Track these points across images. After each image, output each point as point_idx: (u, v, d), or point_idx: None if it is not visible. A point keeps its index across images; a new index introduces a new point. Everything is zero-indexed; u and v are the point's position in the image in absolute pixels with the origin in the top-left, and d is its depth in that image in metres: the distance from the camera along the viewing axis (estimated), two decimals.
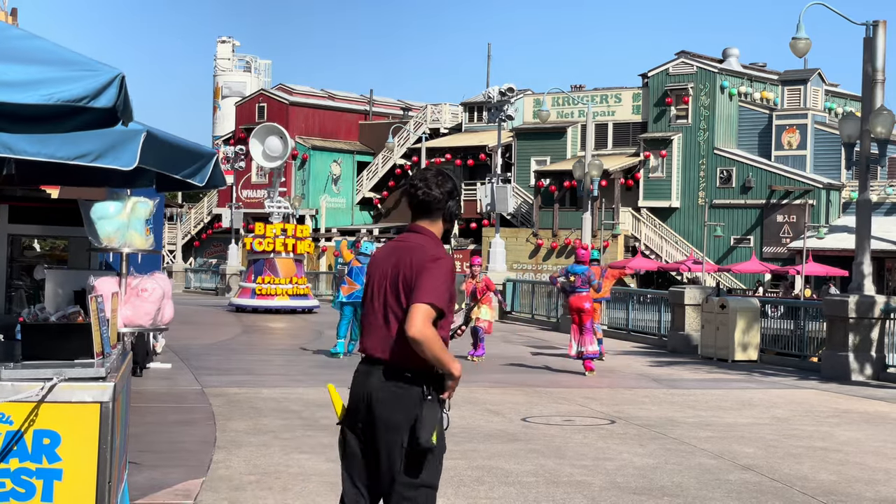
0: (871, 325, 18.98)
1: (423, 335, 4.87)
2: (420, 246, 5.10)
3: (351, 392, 5.16)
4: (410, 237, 5.18)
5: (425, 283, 4.97)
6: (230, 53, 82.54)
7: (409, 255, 5.08)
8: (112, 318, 6.38)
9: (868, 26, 19.99)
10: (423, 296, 4.93)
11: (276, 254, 35.19)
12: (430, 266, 5.01)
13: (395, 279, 5.06)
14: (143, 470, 9.03)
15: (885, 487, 9.31)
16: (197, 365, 18.17)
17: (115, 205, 6.88)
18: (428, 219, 5.19)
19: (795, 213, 51.41)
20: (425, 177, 5.18)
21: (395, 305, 5.06)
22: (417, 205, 5.18)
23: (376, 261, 5.25)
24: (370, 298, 5.19)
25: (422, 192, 5.14)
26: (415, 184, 5.18)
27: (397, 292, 5.05)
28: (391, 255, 5.17)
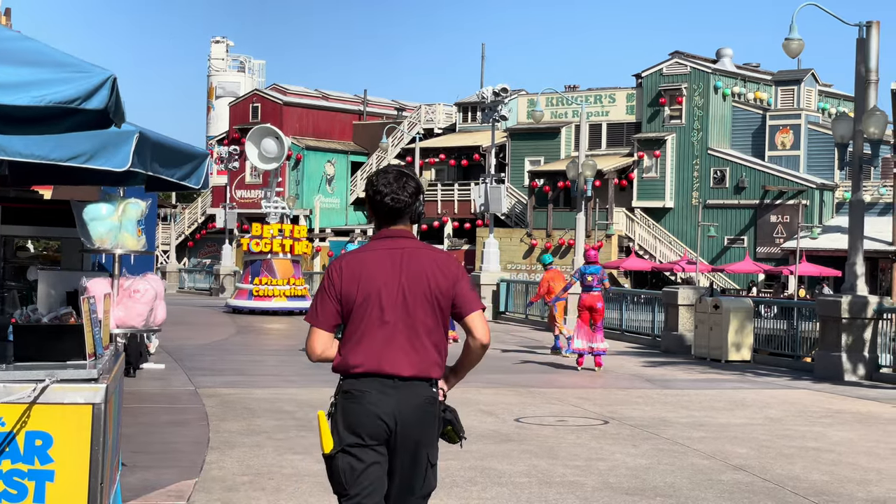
0: (863, 325, 19.02)
1: (489, 340, 4.92)
2: (428, 250, 4.94)
3: (368, 414, 4.74)
4: (404, 242, 4.91)
5: (468, 290, 4.89)
6: (224, 53, 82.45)
7: (424, 263, 4.86)
8: (104, 319, 6.38)
9: (861, 27, 20.03)
10: (477, 303, 4.88)
11: (274, 255, 34.96)
12: (464, 274, 4.93)
13: (421, 290, 4.81)
14: (136, 471, 9.04)
15: (877, 488, 9.34)
16: (190, 365, 18.17)
17: (107, 206, 6.88)
18: (400, 222, 4.95)
19: (789, 214, 51.49)
20: (388, 181, 4.91)
21: (428, 318, 4.81)
22: (388, 212, 4.92)
23: (367, 270, 4.85)
24: (377, 311, 4.80)
25: (391, 199, 4.89)
26: (380, 190, 4.90)
27: (430, 303, 4.81)
28: (390, 263, 4.85)
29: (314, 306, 4.91)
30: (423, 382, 4.79)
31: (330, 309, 4.85)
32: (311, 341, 4.88)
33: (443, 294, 4.82)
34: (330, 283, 4.88)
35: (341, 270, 4.87)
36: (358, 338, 4.80)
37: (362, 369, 4.76)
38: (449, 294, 4.83)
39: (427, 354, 4.79)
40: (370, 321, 4.79)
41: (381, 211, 4.93)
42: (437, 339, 4.85)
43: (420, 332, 4.79)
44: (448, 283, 4.83)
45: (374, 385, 4.75)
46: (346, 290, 4.82)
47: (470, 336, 4.88)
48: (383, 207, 4.91)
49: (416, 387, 4.77)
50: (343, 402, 4.79)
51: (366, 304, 4.79)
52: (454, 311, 4.86)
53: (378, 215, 4.96)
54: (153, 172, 6.94)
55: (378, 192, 4.91)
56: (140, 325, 6.89)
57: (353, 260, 4.90)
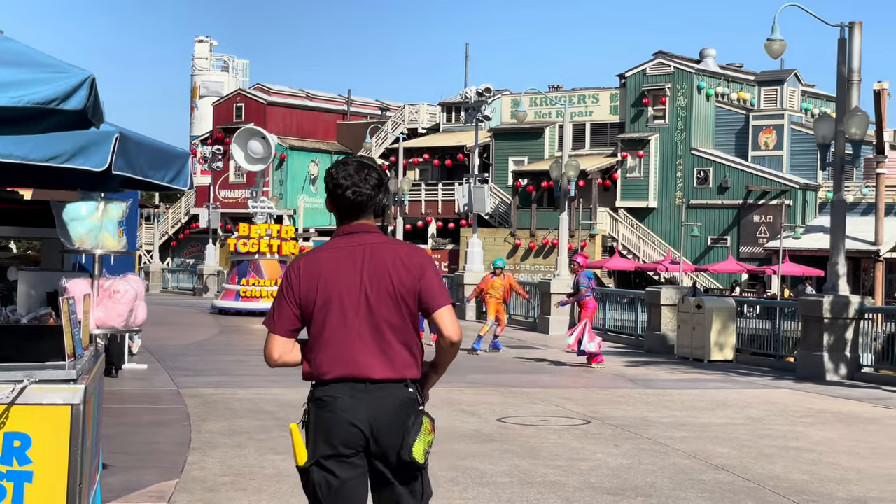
0: (845, 325, 19.09)
1: (461, 338, 4.59)
2: (391, 245, 4.62)
3: (340, 421, 4.46)
4: (366, 237, 4.61)
5: (436, 283, 4.57)
6: (208, 53, 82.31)
7: (386, 258, 4.55)
8: (84, 319, 6.36)
9: (843, 28, 20.09)
10: (444, 297, 4.56)
11: (261, 255, 34.66)
12: (431, 265, 4.61)
13: (383, 287, 4.51)
14: (117, 471, 9.01)
15: (857, 487, 9.37)
16: (173, 366, 18.13)
17: (87, 206, 6.86)
18: (362, 217, 4.64)
19: (772, 214, 51.64)
20: (349, 173, 4.59)
21: (392, 315, 4.52)
22: (349, 206, 4.61)
23: (326, 271, 4.56)
24: (337, 312, 4.52)
25: (352, 193, 4.58)
26: (340, 183, 4.59)
27: (394, 301, 4.52)
28: (351, 262, 4.56)
29: (272, 311, 4.63)
30: (398, 384, 4.51)
31: (288, 314, 4.57)
32: (268, 347, 4.61)
33: (407, 290, 4.52)
34: (288, 286, 4.59)
35: (299, 272, 4.58)
36: (323, 342, 4.53)
37: (332, 375, 4.49)
38: (413, 289, 4.52)
39: (397, 355, 4.52)
40: (333, 324, 4.52)
41: (342, 205, 4.63)
42: (406, 338, 4.55)
43: (385, 332, 4.51)
44: (411, 279, 4.53)
45: (344, 390, 4.47)
46: (305, 294, 4.55)
47: (439, 334, 4.57)
48: (344, 201, 4.61)
49: (389, 388, 4.49)
50: (315, 411, 4.53)
51: (327, 307, 4.52)
52: (421, 308, 4.55)
53: (339, 210, 4.65)
54: (136, 174, 6.93)
55: (338, 185, 4.60)
56: (120, 326, 6.87)
57: (312, 260, 4.61)
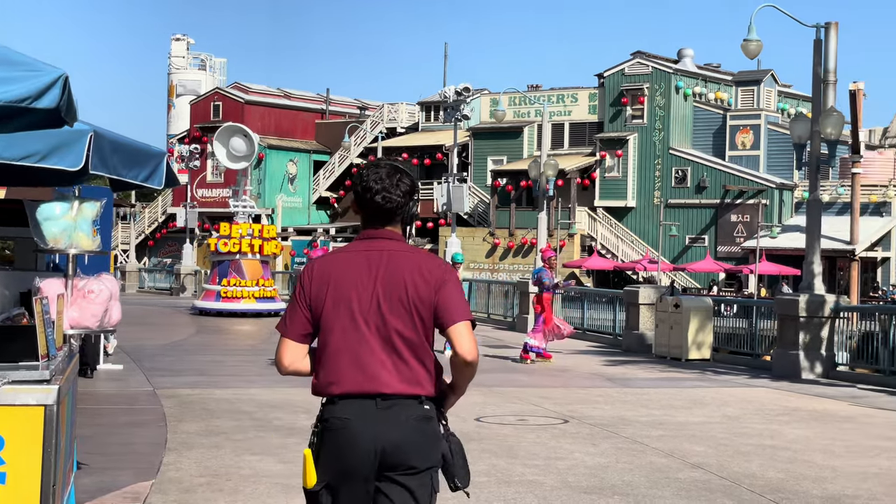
0: (821, 323, 19.18)
1: (477, 357, 4.24)
2: (411, 253, 4.30)
3: (352, 446, 4.15)
4: (386, 244, 4.31)
5: (455, 297, 4.25)
6: (185, 51, 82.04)
7: (403, 267, 4.24)
8: (58, 319, 6.33)
9: (819, 28, 20.17)
10: (463, 313, 4.23)
11: (242, 255, 34.02)
12: (451, 278, 4.27)
13: (397, 296, 4.20)
14: (92, 472, 8.97)
15: (832, 485, 9.42)
16: (149, 366, 18.06)
17: (61, 206, 6.82)
18: (388, 224, 4.34)
19: (749, 213, 51.86)
20: (380, 177, 4.29)
21: (407, 328, 4.20)
22: (376, 212, 4.31)
23: (337, 273, 4.28)
24: (346, 318, 4.23)
25: (381, 198, 4.28)
26: (370, 187, 4.29)
27: (409, 313, 4.20)
28: (366, 266, 4.26)
29: (285, 314, 4.36)
30: (412, 400, 4.18)
31: (300, 317, 4.28)
32: (280, 352, 4.32)
33: (423, 302, 4.20)
34: (301, 287, 4.33)
35: (311, 273, 4.31)
36: (331, 351, 4.24)
37: (339, 389, 4.18)
38: (430, 301, 4.20)
39: (410, 369, 4.20)
40: (342, 331, 4.22)
41: (368, 210, 4.33)
42: (420, 354, 4.22)
43: (398, 345, 4.20)
44: (429, 290, 4.21)
45: (354, 410, 4.15)
46: (314, 295, 4.27)
47: (453, 351, 4.22)
48: (371, 206, 4.31)
49: (403, 405, 4.16)
50: (324, 434, 4.20)
51: (335, 312, 4.23)
52: (437, 322, 4.22)
53: (365, 214, 4.36)
54: (111, 173, 6.89)
55: (368, 189, 4.30)
56: (94, 326, 6.83)
57: (325, 261, 4.33)
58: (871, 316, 19.55)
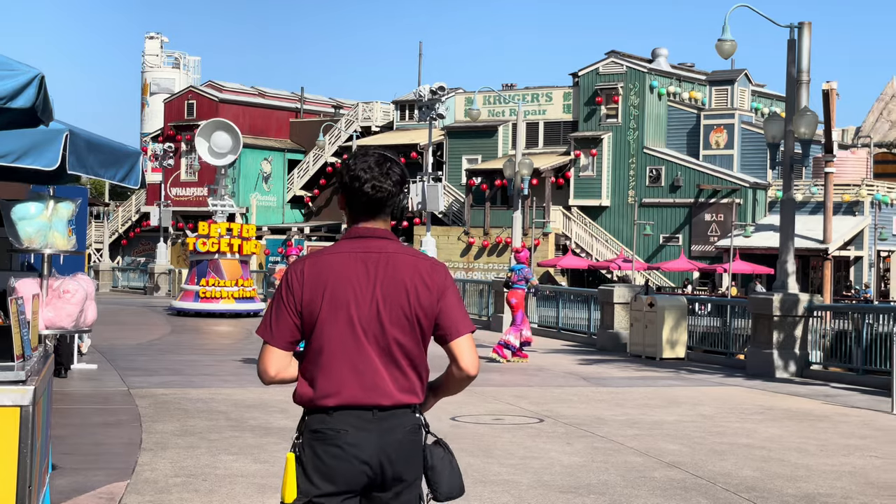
0: (794, 322, 19.28)
1: (478, 372, 4.08)
2: (410, 256, 4.02)
3: (348, 459, 3.87)
4: (382, 244, 4.01)
5: (458, 306, 4.04)
6: (158, 50, 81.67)
7: (404, 271, 3.97)
8: (33, 320, 6.29)
9: (792, 28, 20.27)
10: (466, 323, 4.03)
11: (221, 255, 33.55)
12: (451, 284, 4.05)
13: (398, 305, 3.94)
14: (67, 473, 8.93)
15: (806, 484, 9.47)
16: (124, 366, 17.98)
17: (36, 205, 6.78)
18: (379, 218, 4.03)
19: (723, 212, 52.08)
20: (369, 165, 3.98)
21: (406, 338, 3.95)
22: (366, 203, 4.00)
23: (334, 277, 3.95)
24: (344, 326, 3.93)
25: (371, 188, 3.97)
26: (359, 176, 3.97)
27: (409, 321, 3.95)
28: (364, 270, 3.96)
29: (268, 318, 4.00)
30: (406, 409, 3.98)
31: (287, 322, 3.95)
32: (264, 361, 3.98)
33: (424, 311, 3.96)
34: (288, 290, 3.96)
35: (303, 275, 3.95)
36: (325, 361, 3.92)
37: (336, 400, 3.89)
38: (432, 311, 3.97)
39: (407, 379, 3.97)
40: (339, 340, 3.92)
41: (357, 202, 4.01)
42: (416, 362, 4.00)
43: (397, 356, 3.95)
44: (432, 298, 3.97)
45: (349, 420, 3.88)
46: (307, 301, 3.93)
47: (455, 365, 4.03)
48: (361, 197, 3.99)
49: (398, 416, 3.94)
50: (313, 446, 3.89)
51: (332, 319, 3.91)
52: (437, 333, 4.01)
53: (353, 207, 4.04)
54: (86, 172, 6.86)
55: (356, 178, 3.98)
56: (70, 326, 6.80)
57: (318, 263, 3.97)
58: (844, 315, 19.67)
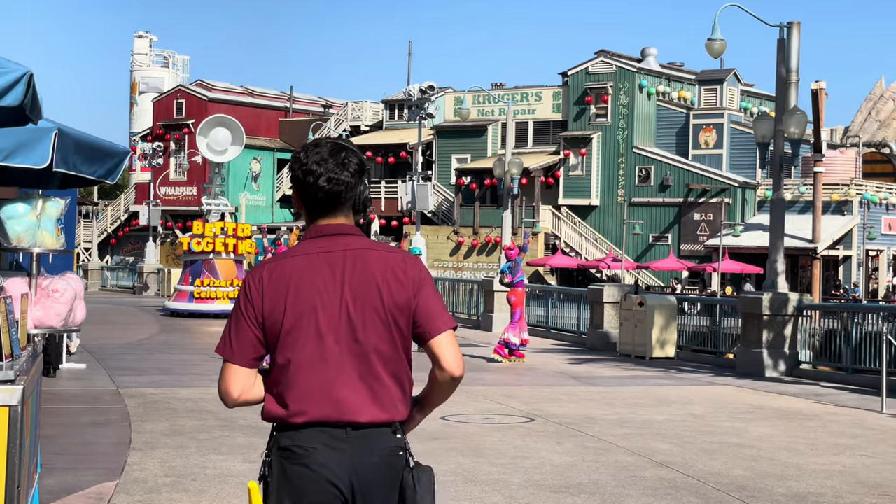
0: (784, 322, 19.30)
1: (463, 372, 3.66)
2: (379, 251, 3.65)
3: (316, 480, 3.51)
4: (347, 241, 3.63)
5: (435, 301, 3.64)
6: (147, 48, 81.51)
7: (374, 268, 3.59)
8: (22, 319, 6.26)
9: (782, 28, 20.28)
10: (446, 319, 3.63)
11: (216, 254, 33.07)
12: (427, 278, 3.67)
13: (370, 305, 3.56)
14: (56, 473, 8.89)
15: (797, 483, 9.47)
16: (113, 365, 17.93)
17: (24, 204, 6.75)
18: (340, 213, 3.67)
19: (712, 211, 52.16)
20: (322, 157, 3.62)
21: (381, 341, 3.57)
22: (323, 200, 3.63)
23: (296, 282, 3.58)
24: (311, 335, 3.55)
25: (326, 181, 3.60)
26: (311, 170, 3.61)
27: (385, 323, 3.57)
28: (329, 271, 3.59)
29: (226, 333, 3.62)
30: (385, 428, 3.58)
31: (248, 337, 3.57)
32: (225, 381, 3.59)
33: (399, 309, 3.58)
34: (247, 301, 3.59)
35: (261, 283, 3.58)
36: (291, 375, 3.54)
37: (305, 417, 3.52)
38: (408, 308, 3.59)
39: (386, 391, 3.58)
40: (306, 351, 3.54)
41: (313, 198, 3.64)
42: (396, 369, 3.61)
43: (373, 362, 3.56)
44: (407, 294, 3.59)
45: (320, 438, 3.52)
46: (269, 311, 3.56)
47: (436, 366, 3.62)
48: (316, 192, 3.62)
49: (375, 436, 3.55)
50: (281, 464, 3.55)
51: (297, 329, 3.55)
52: (416, 332, 3.62)
53: (310, 204, 3.67)
54: (74, 171, 6.83)
55: (309, 172, 3.61)
56: (59, 326, 6.77)
57: (277, 269, 3.60)
58: (833, 314, 19.71)
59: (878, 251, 51.21)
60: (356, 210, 3.71)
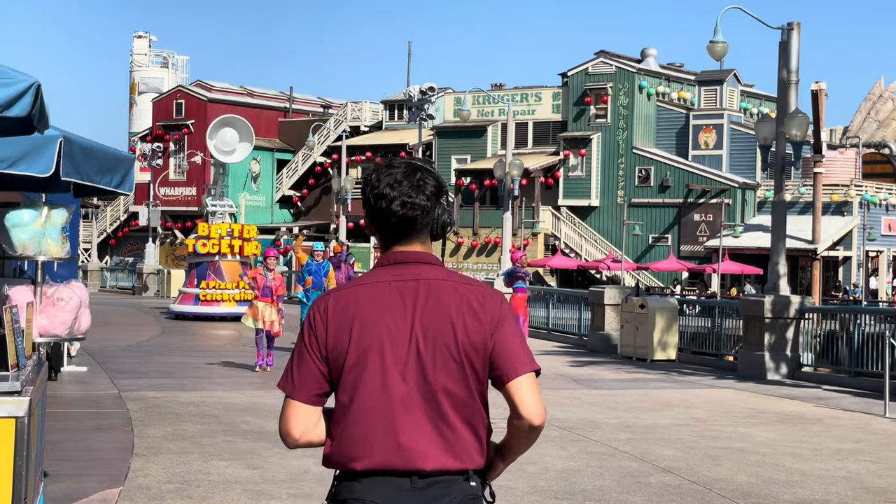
0: (786, 324, 19.29)
1: (544, 421, 3.31)
2: (455, 282, 3.32)
3: None
4: (421, 270, 3.32)
5: (516, 340, 3.30)
6: (147, 49, 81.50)
7: (448, 301, 3.26)
8: (27, 328, 6.23)
9: (783, 30, 20.27)
10: (526, 360, 3.30)
11: (222, 256, 32.43)
12: (507, 313, 3.33)
13: (443, 342, 3.23)
14: (59, 479, 8.86)
15: (802, 490, 9.45)
16: (114, 368, 17.89)
17: (29, 212, 6.73)
18: (416, 240, 3.36)
19: (712, 212, 52.14)
20: (395, 179, 3.31)
21: (456, 384, 3.23)
22: (397, 225, 3.32)
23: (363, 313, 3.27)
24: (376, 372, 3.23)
25: (400, 205, 3.30)
26: (384, 193, 3.31)
27: (458, 363, 3.23)
28: (400, 303, 3.27)
29: (289, 367, 3.34)
30: (457, 477, 3.24)
31: (312, 371, 3.28)
32: (286, 419, 3.29)
33: (476, 349, 3.24)
34: (311, 332, 3.31)
35: (326, 313, 3.29)
36: (354, 416, 3.25)
37: (365, 464, 3.22)
38: (484, 347, 3.25)
39: (458, 437, 3.25)
40: (370, 389, 3.23)
41: (385, 223, 3.34)
42: (471, 416, 3.28)
43: (443, 405, 3.23)
44: (483, 331, 3.24)
45: (384, 489, 3.21)
46: (333, 343, 3.26)
47: (513, 413, 3.29)
48: (390, 217, 3.32)
49: (447, 484, 3.23)
50: None
51: (362, 365, 3.24)
52: (492, 374, 3.28)
53: (383, 230, 3.37)
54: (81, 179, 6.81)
55: (381, 196, 3.32)
56: (64, 334, 6.74)
57: (344, 297, 3.31)
58: (835, 317, 19.70)
59: (878, 252, 51.21)
60: (434, 235, 3.40)
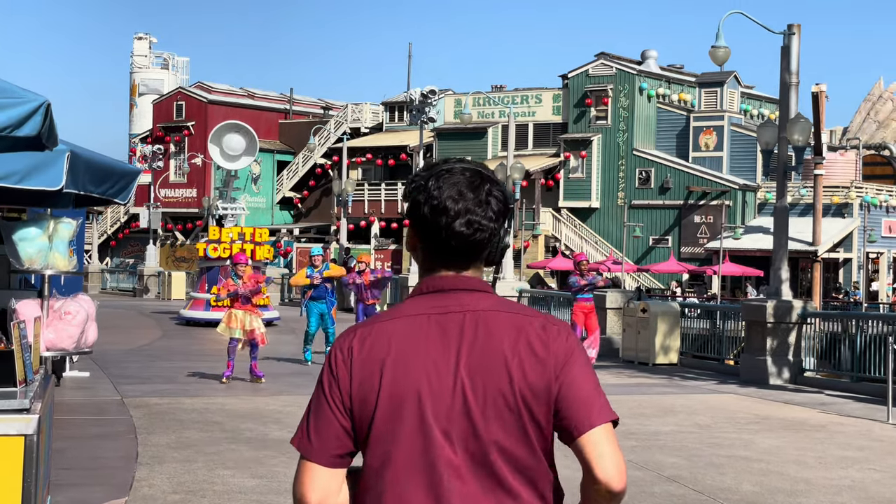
0: (788, 329, 19.29)
1: (625, 485, 2.63)
2: (510, 314, 2.62)
3: None
4: (469, 298, 2.62)
5: (586, 384, 2.59)
6: (147, 50, 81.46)
7: (501, 338, 2.57)
8: (35, 343, 6.24)
9: (785, 34, 20.26)
10: (601, 409, 2.58)
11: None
12: (577, 351, 2.61)
13: (496, 388, 2.54)
14: (64, 489, 8.85)
15: (807, 499, 9.45)
16: (116, 373, 17.88)
17: (36, 227, 6.73)
18: (472, 265, 2.67)
19: (712, 214, 52.14)
20: (459, 190, 2.62)
21: (512, 441, 2.54)
22: (458, 249, 2.63)
23: (396, 354, 2.57)
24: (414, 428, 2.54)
25: (466, 225, 2.61)
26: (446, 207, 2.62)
27: (515, 414, 2.54)
28: (441, 340, 2.59)
29: (304, 421, 2.65)
30: None
31: (332, 427, 2.59)
32: (301, 484, 2.59)
33: (536, 395, 2.55)
34: (331, 378, 2.62)
35: (350, 354, 2.61)
36: (387, 483, 2.56)
37: None
38: (548, 394, 2.56)
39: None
40: (405, 451, 2.55)
41: (442, 244, 2.65)
42: (533, 477, 2.58)
43: (500, 469, 2.54)
44: (547, 375, 2.56)
45: None
46: (358, 392, 2.58)
47: (587, 474, 2.57)
48: (449, 239, 2.63)
49: None
50: None
51: (395, 419, 2.56)
52: (559, 425, 2.57)
53: (433, 250, 2.68)
54: (86, 191, 6.81)
55: (442, 211, 2.63)
56: (71, 348, 6.75)
57: (372, 335, 2.63)
58: (837, 322, 19.70)
59: (878, 254, 51.21)
60: (491, 261, 2.70)
